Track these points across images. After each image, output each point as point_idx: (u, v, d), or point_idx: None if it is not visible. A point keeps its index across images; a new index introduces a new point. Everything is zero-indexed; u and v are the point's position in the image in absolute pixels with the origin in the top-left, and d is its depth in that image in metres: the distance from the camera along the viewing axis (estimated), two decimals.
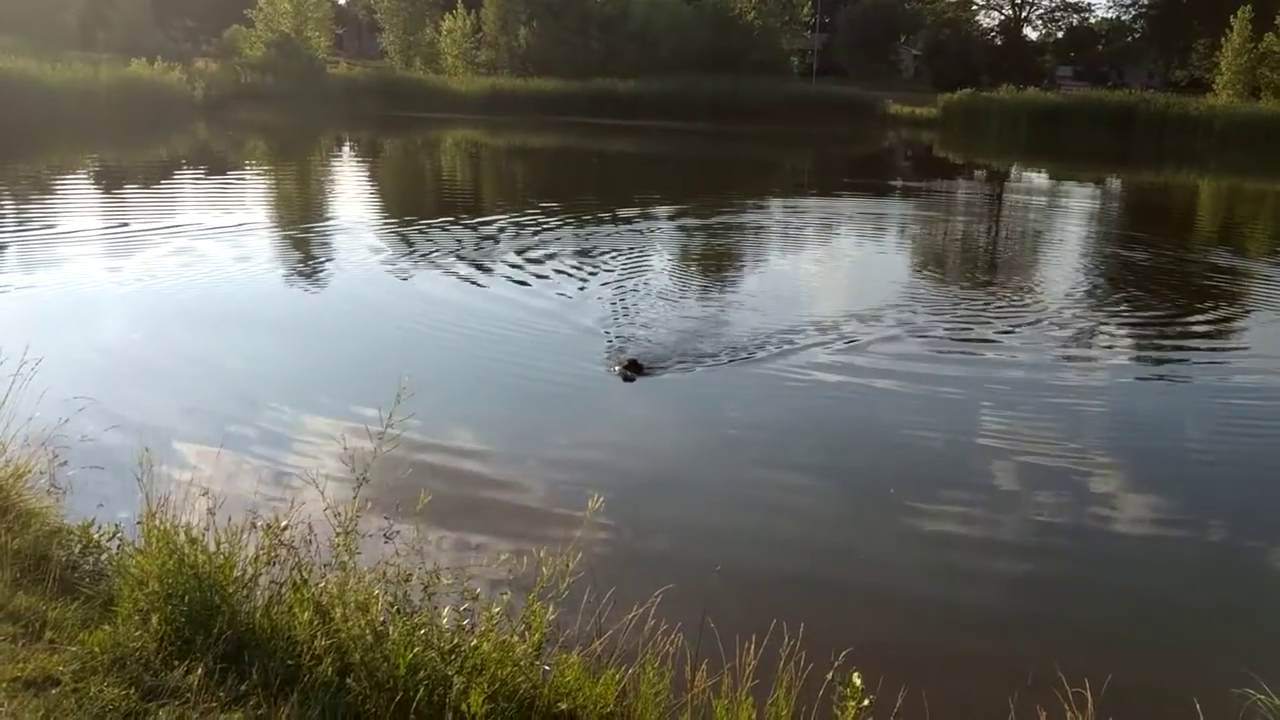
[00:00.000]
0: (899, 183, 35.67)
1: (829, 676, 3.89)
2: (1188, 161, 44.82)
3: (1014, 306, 14.80)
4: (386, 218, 21.94)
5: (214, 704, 3.66)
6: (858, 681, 3.78)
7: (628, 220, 21.80)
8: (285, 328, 12.71)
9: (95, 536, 5.34)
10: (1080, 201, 32.44)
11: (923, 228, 24.93)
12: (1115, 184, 38.09)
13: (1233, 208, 32.56)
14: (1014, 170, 41.74)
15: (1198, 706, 3.80)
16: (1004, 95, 57.24)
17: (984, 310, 14.44)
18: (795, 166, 40.81)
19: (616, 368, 10.27)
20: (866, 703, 3.76)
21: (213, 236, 18.08)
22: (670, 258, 18.46)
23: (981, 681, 5.48)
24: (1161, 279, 17.94)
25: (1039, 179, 39.56)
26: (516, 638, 4.16)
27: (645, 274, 16.10)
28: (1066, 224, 26.25)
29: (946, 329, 13.09)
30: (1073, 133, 51.45)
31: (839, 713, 3.76)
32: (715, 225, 22.41)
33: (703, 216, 23.48)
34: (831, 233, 23.20)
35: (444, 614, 4.26)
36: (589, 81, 57.33)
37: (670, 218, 23.01)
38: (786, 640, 3.99)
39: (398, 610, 4.22)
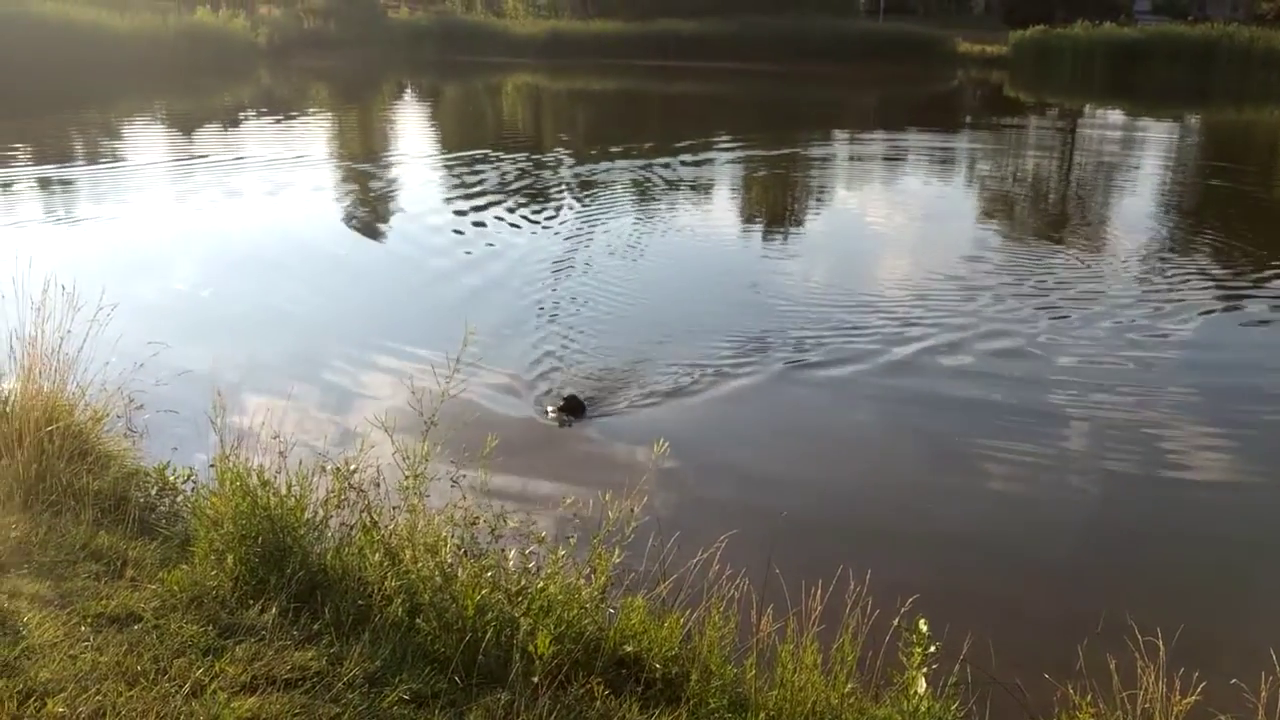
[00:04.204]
0: (967, 119, 34.83)
1: (895, 622, 3.87)
2: (1273, 98, 43.11)
3: (1087, 246, 14.47)
4: (447, 161, 21.99)
5: (288, 642, 3.75)
6: (924, 627, 3.76)
7: (689, 162, 21.60)
8: (350, 269, 12.86)
9: (171, 479, 5.49)
10: (1158, 136, 31.43)
11: (992, 163, 24.40)
12: (1195, 121, 36.81)
13: None
14: (1087, 108, 40.53)
15: (1274, 657, 3.71)
16: (1078, 31, 55.22)
17: (1056, 248, 14.13)
18: (861, 106, 40.02)
19: (550, 410, 8.15)
20: (933, 649, 3.74)
21: (277, 180, 18.32)
22: (730, 203, 18.34)
23: (1050, 629, 5.43)
24: (1244, 213, 17.39)
25: (1114, 116, 38.34)
26: (582, 580, 4.19)
27: (696, 222, 16.03)
28: (1143, 159, 25.48)
29: (1014, 269, 12.81)
30: (1150, 70, 49.58)
31: (905, 658, 3.75)
32: (773, 165, 22.19)
33: (763, 158, 23.26)
34: (898, 172, 22.78)
35: (510, 557, 4.30)
36: (651, 23, 56.43)
37: (731, 159, 22.77)
38: (852, 586, 3.97)
39: (465, 552, 4.27)
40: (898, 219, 17.19)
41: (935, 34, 58.91)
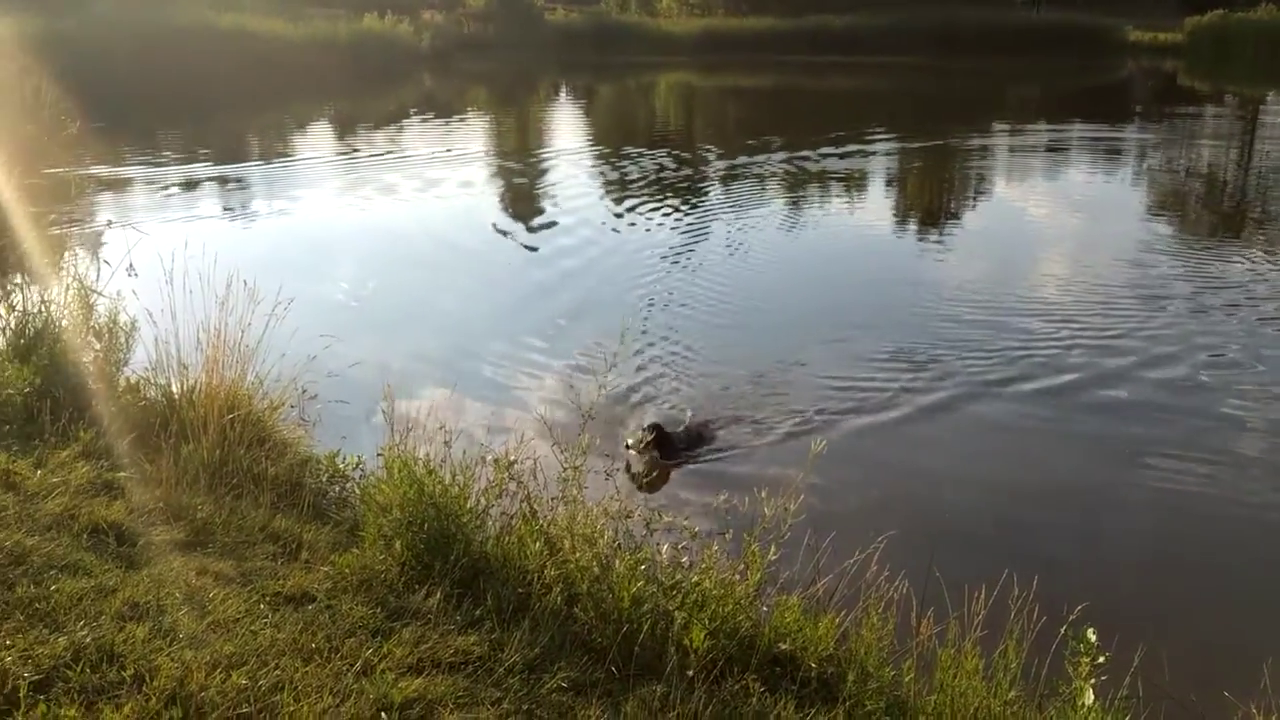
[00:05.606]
0: (1138, 110, 33.27)
1: (1062, 630, 3.74)
2: None
3: (1272, 243, 13.64)
4: (598, 158, 22.25)
5: (451, 627, 3.86)
6: (1092, 637, 3.62)
7: (839, 155, 21.38)
8: (504, 263, 13.22)
9: (340, 467, 5.73)
10: None
11: (1164, 154, 23.22)
12: None
13: None
14: (1271, 96, 38.16)
15: None
16: (1262, 15, 52.01)
17: (1237, 245, 13.37)
18: (1021, 98, 38.68)
19: (630, 442, 7.01)
20: (1101, 659, 3.59)
21: (437, 176, 18.94)
22: (886, 199, 18.02)
23: (1230, 646, 5.15)
24: None
25: None
26: (736, 576, 4.19)
27: (848, 218, 15.80)
28: None
29: (1191, 270, 12.19)
30: None
31: (1071, 668, 3.62)
32: (928, 158, 21.67)
33: (918, 150, 22.75)
34: (1061, 164, 21.92)
35: (663, 550, 4.33)
36: (803, 18, 55.90)
37: (886, 153, 22.40)
38: (1017, 592, 3.85)
39: (619, 545, 4.32)
40: (1061, 215, 16.56)
41: (1103, 23, 56.37)
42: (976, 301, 10.92)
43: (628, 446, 6.97)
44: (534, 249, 13.97)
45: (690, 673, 3.67)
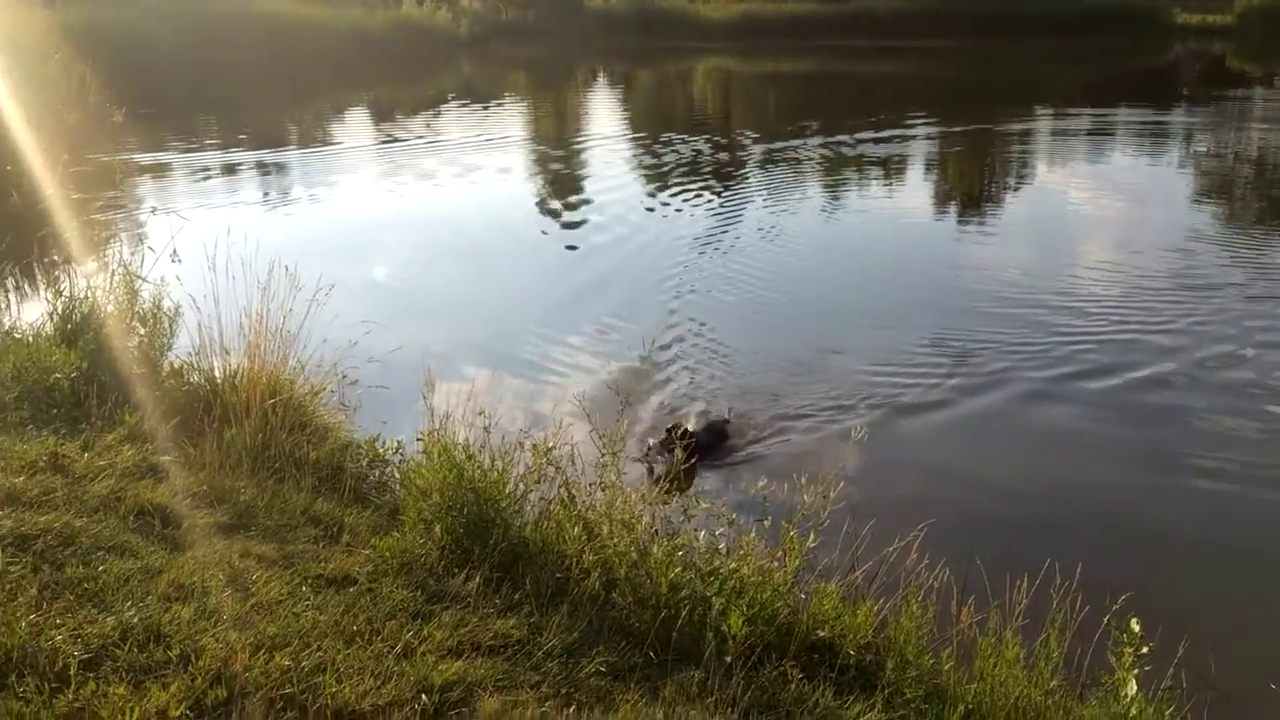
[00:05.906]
0: (1184, 93, 32.66)
1: (1105, 620, 3.70)
2: None
3: None
4: (635, 144, 22.18)
5: (491, 610, 3.88)
6: (1136, 627, 3.58)
7: (879, 140, 21.21)
8: (548, 252, 13.23)
9: (381, 451, 5.77)
10: None
11: (1211, 139, 22.78)
12: None
13: None
14: None
15: None
16: None
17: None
18: (1067, 82, 38.05)
19: (652, 442, 6.93)
20: (1145, 650, 3.56)
21: (474, 163, 19.01)
22: (927, 186, 17.85)
23: (1276, 640, 5.07)
24: None
25: None
26: (775, 563, 4.18)
27: (888, 205, 15.67)
28: None
29: (1234, 262, 11.97)
30: None
31: (1114, 658, 3.58)
32: (970, 143, 21.42)
33: (959, 135, 22.49)
34: (1106, 149, 21.56)
35: (701, 537, 4.33)
36: (845, 2, 55.41)
37: (926, 138, 22.18)
38: (1059, 581, 3.81)
39: (657, 531, 4.33)
40: (1106, 200, 16.28)
41: (1149, 4, 55.35)
42: (1019, 290, 10.80)
43: (648, 449, 6.87)
44: (571, 235, 13.98)
45: (728, 659, 3.67)
